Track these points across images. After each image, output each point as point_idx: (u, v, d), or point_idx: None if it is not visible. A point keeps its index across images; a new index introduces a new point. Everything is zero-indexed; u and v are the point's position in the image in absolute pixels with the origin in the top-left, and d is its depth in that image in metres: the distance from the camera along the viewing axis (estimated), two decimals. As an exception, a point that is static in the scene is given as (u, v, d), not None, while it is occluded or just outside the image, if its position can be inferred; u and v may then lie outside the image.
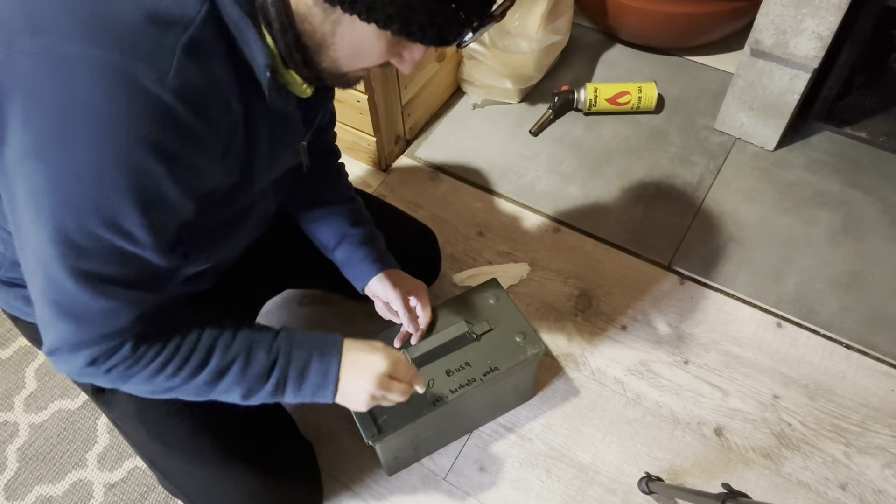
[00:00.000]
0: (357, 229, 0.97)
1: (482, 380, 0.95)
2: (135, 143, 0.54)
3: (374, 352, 0.80)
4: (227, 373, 0.72)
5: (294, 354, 0.75)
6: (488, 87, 1.55)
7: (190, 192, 0.61)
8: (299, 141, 0.78)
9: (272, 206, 0.88)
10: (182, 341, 0.69)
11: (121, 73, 0.51)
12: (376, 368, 0.78)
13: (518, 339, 0.98)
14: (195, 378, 0.70)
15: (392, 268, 0.98)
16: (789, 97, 1.36)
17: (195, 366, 0.70)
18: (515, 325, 1.00)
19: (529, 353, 0.97)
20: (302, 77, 0.66)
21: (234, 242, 0.83)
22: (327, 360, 0.77)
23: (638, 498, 1.04)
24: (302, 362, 0.75)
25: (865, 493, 1.04)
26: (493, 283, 1.05)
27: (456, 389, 0.94)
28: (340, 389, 0.78)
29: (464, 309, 1.02)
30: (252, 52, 0.59)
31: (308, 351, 0.76)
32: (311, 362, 0.76)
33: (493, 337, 0.99)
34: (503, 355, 0.97)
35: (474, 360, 0.97)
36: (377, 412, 0.92)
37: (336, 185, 1.00)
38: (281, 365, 0.74)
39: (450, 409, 0.96)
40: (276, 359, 0.74)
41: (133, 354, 0.66)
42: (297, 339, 0.76)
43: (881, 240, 1.33)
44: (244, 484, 0.90)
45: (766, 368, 1.17)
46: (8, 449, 1.13)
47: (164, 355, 0.68)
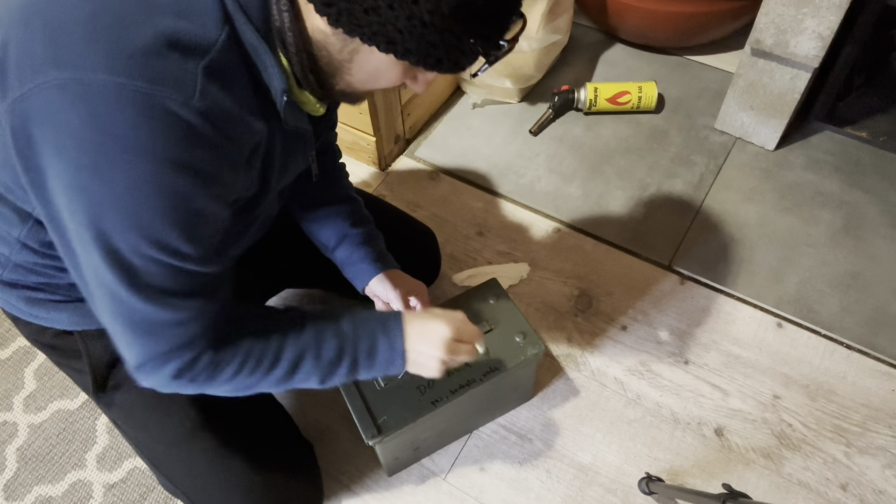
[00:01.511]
0: (357, 229, 0.97)
1: (482, 380, 0.95)
2: (167, 166, 0.55)
3: (435, 318, 0.80)
4: (302, 364, 0.73)
5: (360, 335, 0.77)
6: (488, 87, 1.55)
7: (224, 202, 0.63)
8: (310, 151, 0.79)
9: (276, 209, 0.88)
10: (255, 342, 0.71)
11: (147, 100, 0.52)
12: (441, 334, 0.79)
13: (518, 339, 0.98)
14: (272, 373, 0.72)
15: (392, 268, 0.98)
16: (790, 97, 1.36)
17: (270, 363, 0.72)
18: (515, 326, 1.00)
19: (529, 353, 0.97)
20: (316, 97, 0.68)
21: (240, 244, 0.83)
22: (392, 334, 0.78)
23: (638, 498, 1.04)
24: (369, 341, 0.77)
25: (866, 494, 1.04)
26: (493, 283, 1.05)
27: (456, 390, 0.94)
28: (410, 360, 0.79)
29: (463, 309, 1.01)
30: (269, 76, 0.60)
31: (372, 329, 0.78)
32: (378, 339, 0.78)
33: (493, 337, 0.99)
34: (503, 355, 0.97)
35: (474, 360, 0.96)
36: (377, 413, 0.92)
37: (337, 185, 1.00)
38: (350, 349, 0.76)
39: (449, 410, 0.95)
40: (344, 344, 0.76)
41: (213, 362, 0.68)
42: (359, 321, 0.78)
43: (882, 240, 1.33)
44: (244, 484, 0.90)
45: (766, 368, 1.17)
46: (7, 449, 1.13)
47: (239, 357, 0.70)
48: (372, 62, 0.60)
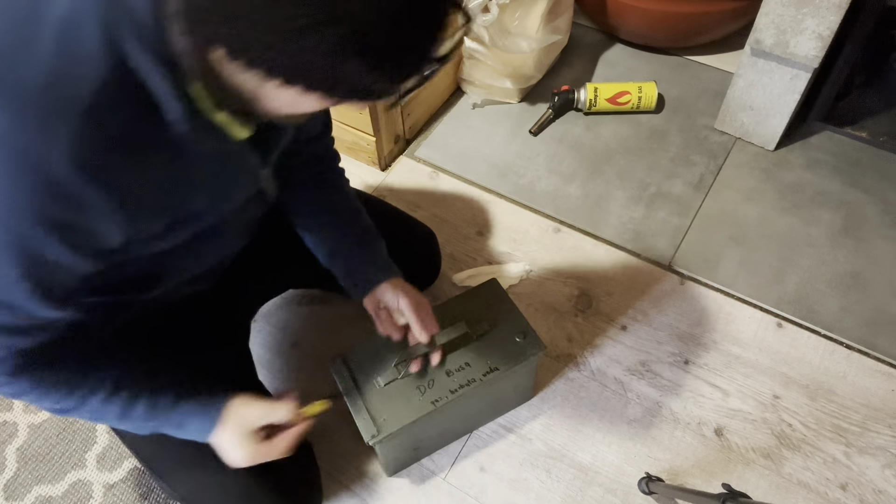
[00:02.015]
0: (358, 237, 0.95)
1: (482, 380, 0.95)
2: (24, 216, 0.54)
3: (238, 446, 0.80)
4: (103, 416, 0.76)
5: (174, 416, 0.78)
6: (488, 87, 1.55)
7: (82, 251, 0.60)
8: (254, 170, 0.74)
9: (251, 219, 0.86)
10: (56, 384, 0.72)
11: (13, 145, 0.51)
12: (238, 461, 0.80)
13: (518, 339, 0.98)
14: (72, 413, 0.74)
15: (397, 276, 0.96)
16: (790, 97, 1.36)
17: (71, 406, 0.73)
18: (515, 326, 0.99)
19: (529, 353, 0.97)
20: (239, 121, 0.62)
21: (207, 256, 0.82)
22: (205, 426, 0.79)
23: (638, 498, 1.04)
24: (179, 419, 0.79)
25: (866, 494, 1.04)
26: (493, 283, 1.05)
27: (455, 390, 0.94)
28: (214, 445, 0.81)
29: (464, 309, 1.01)
30: (164, 104, 0.55)
31: (186, 414, 0.79)
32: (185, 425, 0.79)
33: (493, 337, 0.99)
34: (503, 356, 0.97)
35: (474, 360, 0.96)
36: (376, 414, 0.92)
37: (338, 193, 0.98)
38: (158, 421, 0.78)
39: (449, 410, 0.95)
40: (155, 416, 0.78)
41: (9, 380, 0.69)
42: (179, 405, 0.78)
43: (882, 240, 1.33)
44: (242, 485, 0.89)
45: (766, 368, 1.17)
46: (7, 449, 1.13)
47: (39, 389, 0.71)
48: (282, 93, 0.51)
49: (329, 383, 0.98)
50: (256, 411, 0.79)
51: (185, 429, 0.79)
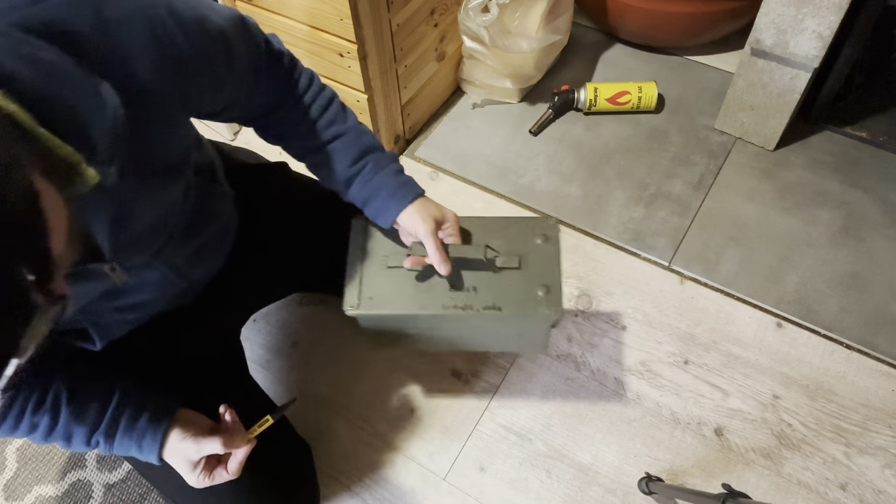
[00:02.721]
0: (361, 163, 0.87)
1: (479, 312, 0.87)
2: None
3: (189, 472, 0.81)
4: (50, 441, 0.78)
5: (115, 445, 0.80)
6: (488, 87, 1.55)
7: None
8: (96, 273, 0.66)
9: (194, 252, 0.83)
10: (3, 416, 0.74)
11: None
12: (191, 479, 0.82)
13: (540, 292, 0.87)
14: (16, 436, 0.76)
15: (414, 198, 0.86)
16: (790, 97, 1.36)
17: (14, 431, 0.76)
18: (544, 276, 0.88)
19: (541, 311, 0.86)
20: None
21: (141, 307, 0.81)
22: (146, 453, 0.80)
23: (638, 498, 1.04)
24: (123, 450, 0.80)
25: (866, 494, 1.04)
26: (551, 223, 0.93)
27: (449, 308, 0.87)
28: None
29: (503, 234, 0.92)
30: None
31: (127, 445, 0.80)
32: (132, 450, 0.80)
33: (515, 276, 0.88)
34: (514, 300, 0.88)
35: (483, 288, 0.88)
36: (365, 289, 0.88)
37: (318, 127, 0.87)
38: (102, 449, 0.80)
39: (437, 322, 0.91)
40: (97, 445, 0.79)
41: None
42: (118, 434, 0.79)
43: (882, 240, 1.33)
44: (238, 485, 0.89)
45: (766, 368, 1.17)
46: (7, 449, 1.13)
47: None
48: None
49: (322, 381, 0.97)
50: (191, 447, 0.80)
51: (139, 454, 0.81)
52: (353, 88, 1.30)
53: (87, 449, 0.80)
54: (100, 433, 0.78)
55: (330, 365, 1.20)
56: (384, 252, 0.91)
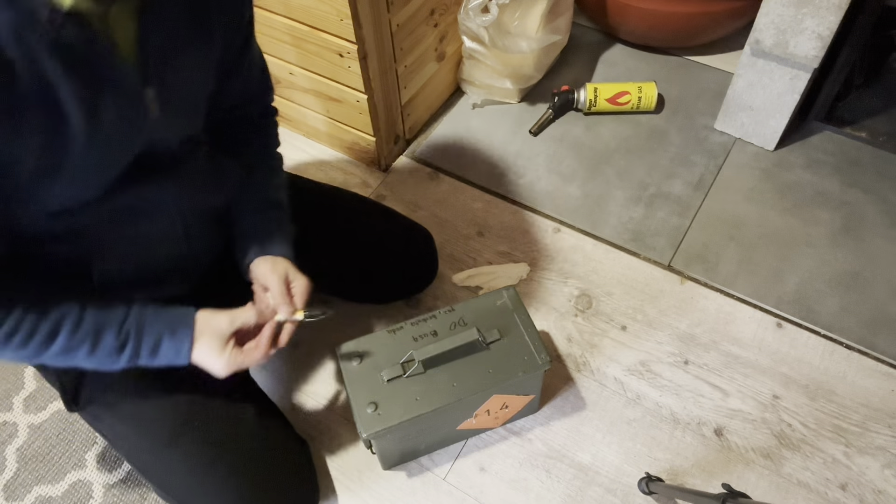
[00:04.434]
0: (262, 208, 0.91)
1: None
2: None
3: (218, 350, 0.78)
4: (76, 351, 0.72)
5: (145, 335, 0.75)
6: (488, 87, 1.55)
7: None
8: (132, 88, 0.66)
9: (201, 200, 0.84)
10: (23, 318, 0.69)
11: None
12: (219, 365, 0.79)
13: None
14: (44, 353, 0.71)
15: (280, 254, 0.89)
16: (789, 97, 1.36)
17: (40, 343, 0.70)
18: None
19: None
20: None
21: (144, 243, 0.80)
22: (179, 339, 0.77)
23: (638, 498, 1.04)
24: (153, 341, 0.76)
25: (865, 494, 1.04)
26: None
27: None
28: (196, 360, 0.79)
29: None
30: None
31: (159, 331, 0.76)
32: (163, 341, 0.76)
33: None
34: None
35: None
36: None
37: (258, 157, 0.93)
38: (132, 345, 0.75)
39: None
40: (127, 340, 0.74)
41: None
42: (147, 319, 0.76)
43: (881, 240, 1.33)
44: (234, 485, 0.89)
45: (766, 368, 1.17)
46: (7, 449, 1.13)
47: (5, 328, 0.68)
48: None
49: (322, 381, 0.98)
50: (224, 318, 0.79)
51: (160, 352, 0.76)
52: (353, 88, 1.30)
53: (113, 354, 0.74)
54: (131, 321, 0.75)
55: (330, 365, 1.20)
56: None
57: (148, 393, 0.88)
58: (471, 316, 1.01)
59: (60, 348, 0.71)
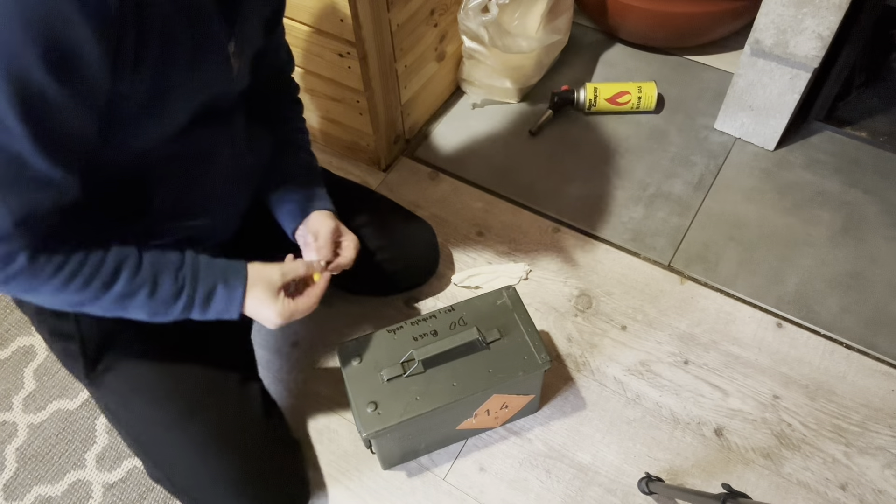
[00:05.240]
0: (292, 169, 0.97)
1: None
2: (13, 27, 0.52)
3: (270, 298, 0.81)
4: (134, 296, 0.73)
5: (199, 281, 0.77)
6: (488, 87, 1.55)
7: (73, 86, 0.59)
8: (220, 40, 0.73)
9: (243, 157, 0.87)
10: (85, 259, 0.69)
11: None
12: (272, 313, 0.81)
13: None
14: (102, 298, 0.71)
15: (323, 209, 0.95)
16: (789, 97, 1.36)
17: (100, 286, 0.70)
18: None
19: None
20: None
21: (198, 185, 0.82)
22: (232, 286, 0.79)
23: (638, 498, 1.04)
24: (207, 289, 0.77)
25: (865, 494, 1.04)
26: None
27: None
28: (248, 310, 0.81)
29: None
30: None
31: (213, 278, 0.78)
32: (217, 289, 0.78)
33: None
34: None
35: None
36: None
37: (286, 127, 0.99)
38: (187, 292, 0.76)
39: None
40: (183, 286, 0.76)
41: (30, 266, 0.65)
42: (201, 266, 0.78)
43: (882, 240, 1.33)
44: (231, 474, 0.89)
45: (766, 368, 1.17)
46: (7, 449, 1.13)
47: (66, 271, 0.68)
48: None
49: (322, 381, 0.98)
50: (275, 269, 0.82)
51: (214, 301, 0.78)
52: (353, 88, 1.30)
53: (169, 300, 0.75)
54: (186, 268, 0.76)
55: (330, 364, 1.20)
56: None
57: (169, 365, 0.90)
58: (471, 316, 1.01)
59: (119, 293, 0.72)
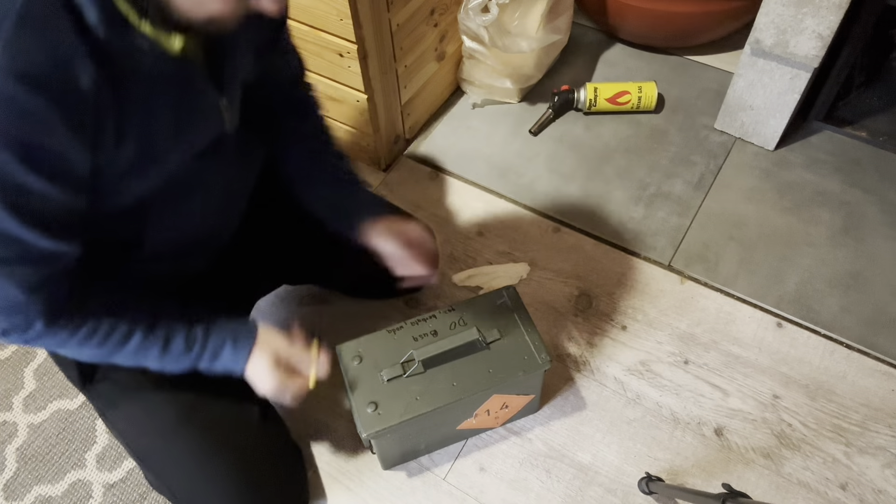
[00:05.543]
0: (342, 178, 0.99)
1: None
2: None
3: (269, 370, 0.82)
4: (147, 352, 0.77)
5: (210, 340, 0.80)
6: (488, 87, 1.55)
7: (55, 177, 0.60)
8: (211, 100, 0.73)
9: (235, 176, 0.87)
10: (99, 322, 0.73)
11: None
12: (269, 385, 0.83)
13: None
14: (117, 354, 0.76)
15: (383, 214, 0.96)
16: (789, 97, 1.36)
17: (115, 344, 0.75)
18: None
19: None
20: (165, 30, 0.60)
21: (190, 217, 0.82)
22: (240, 347, 0.81)
23: (638, 498, 1.04)
24: (216, 347, 0.80)
25: (866, 494, 1.04)
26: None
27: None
28: (248, 373, 0.83)
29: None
30: (83, 8, 0.54)
31: (223, 337, 0.81)
32: (225, 347, 0.81)
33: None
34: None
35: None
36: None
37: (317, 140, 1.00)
38: (197, 349, 0.80)
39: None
40: (194, 343, 0.79)
41: (47, 331, 0.70)
42: (213, 328, 0.80)
43: (882, 239, 1.33)
44: (228, 482, 0.89)
45: (766, 368, 1.17)
46: (7, 449, 1.13)
47: (81, 334, 0.72)
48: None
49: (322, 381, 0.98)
50: (282, 341, 0.83)
51: (220, 359, 0.80)
52: (353, 88, 1.30)
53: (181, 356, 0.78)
54: (198, 327, 0.79)
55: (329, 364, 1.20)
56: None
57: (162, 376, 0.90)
58: (471, 316, 1.01)
59: (133, 350, 0.76)
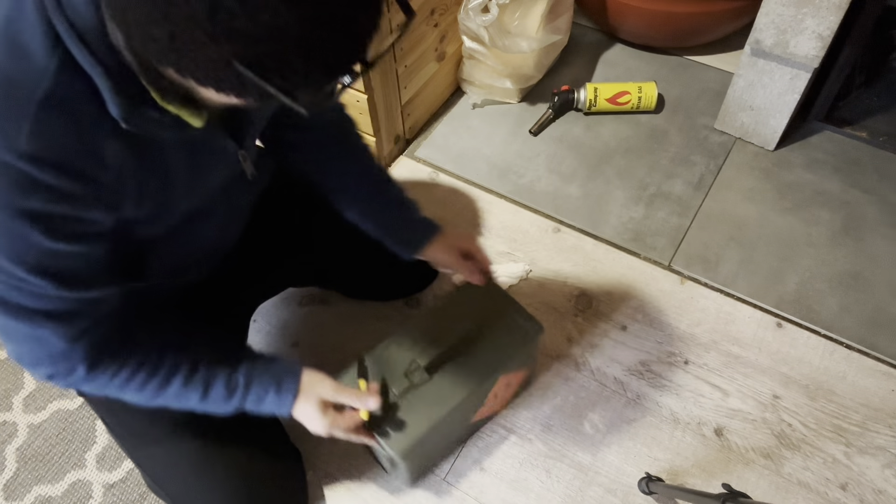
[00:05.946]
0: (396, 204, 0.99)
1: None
2: (6, 213, 0.55)
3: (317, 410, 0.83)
4: (189, 396, 0.77)
5: (253, 387, 0.80)
6: (488, 87, 1.55)
7: (79, 239, 0.62)
8: (230, 154, 0.74)
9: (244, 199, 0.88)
10: (139, 368, 0.74)
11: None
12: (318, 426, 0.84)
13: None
14: (158, 398, 0.77)
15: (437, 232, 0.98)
16: (789, 97, 1.36)
17: (155, 389, 0.75)
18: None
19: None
20: (190, 111, 0.61)
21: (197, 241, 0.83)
22: (284, 393, 0.82)
23: (638, 498, 1.04)
24: (259, 393, 0.81)
25: (866, 494, 1.04)
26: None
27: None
28: (296, 416, 0.84)
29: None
30: (108, 101, 0.55)
31: (266, 384, 0.81)
32: (268, 394, 0.81)
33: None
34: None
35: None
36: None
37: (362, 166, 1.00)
38: (240, 395, 0.80)
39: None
40: (235, 390, 0.79)
41: (89, 376, 0.71)
42: (255, 373, 0.81)
43: (881, 240, 1.33)
44: (227, 487, 0.89)
45: (766, 368, 1.17)
46: (7, 449, 1.13)
47: (120, 378, 0.73)
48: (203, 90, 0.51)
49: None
50: (329, 388, 0.83)
51: (265, 403, 0.81)
52: (353, 88, 1.30)
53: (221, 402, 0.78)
54: (241, 372, 0.79)
55: (330, 365, 1.19)
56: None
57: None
58: (457, 310, 1.00)
59: (175, 393, 0.76)
